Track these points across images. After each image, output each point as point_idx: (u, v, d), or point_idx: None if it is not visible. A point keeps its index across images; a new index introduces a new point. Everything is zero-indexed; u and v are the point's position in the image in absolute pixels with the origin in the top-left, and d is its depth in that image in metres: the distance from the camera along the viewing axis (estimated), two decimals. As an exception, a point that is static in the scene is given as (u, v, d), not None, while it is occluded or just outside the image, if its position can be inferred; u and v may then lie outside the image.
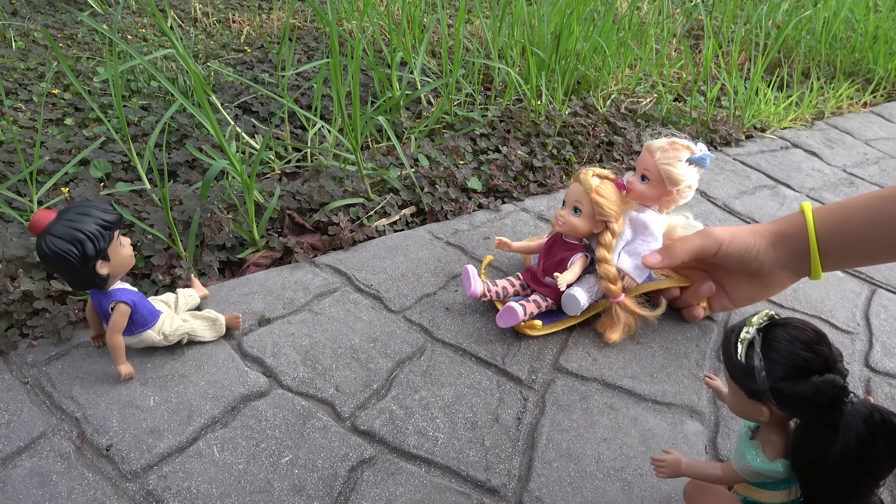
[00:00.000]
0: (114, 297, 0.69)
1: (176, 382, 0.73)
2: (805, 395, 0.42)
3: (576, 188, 0.82)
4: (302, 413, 0.71)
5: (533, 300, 0.84)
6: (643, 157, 0.83)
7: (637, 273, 0.83)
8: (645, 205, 0.85)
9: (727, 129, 1.51)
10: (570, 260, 0.83)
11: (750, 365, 0.44)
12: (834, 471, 0.43)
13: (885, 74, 1.99)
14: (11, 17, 1.81)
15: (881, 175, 1.45)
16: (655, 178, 0.82)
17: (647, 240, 0.83)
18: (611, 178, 0.83)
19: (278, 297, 0.87)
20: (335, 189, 1.08)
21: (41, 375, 0.72)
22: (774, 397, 0.43)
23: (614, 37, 1.67)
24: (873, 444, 0.41)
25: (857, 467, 0.42)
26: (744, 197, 1.27)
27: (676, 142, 0.81)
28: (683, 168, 0.80)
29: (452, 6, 2.25)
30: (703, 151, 0.82)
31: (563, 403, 0.76)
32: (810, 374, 0.43)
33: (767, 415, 0.46)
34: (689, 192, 0.84)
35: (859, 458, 0.41)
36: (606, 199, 0.80)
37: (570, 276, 0.81)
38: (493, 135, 1.35)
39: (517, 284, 0.87)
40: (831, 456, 0.42)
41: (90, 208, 0.66)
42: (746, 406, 0.46)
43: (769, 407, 0.45)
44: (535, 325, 0.83)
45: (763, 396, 0.44)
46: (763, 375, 0.43)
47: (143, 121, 1.27)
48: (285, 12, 2.06)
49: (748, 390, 0.45)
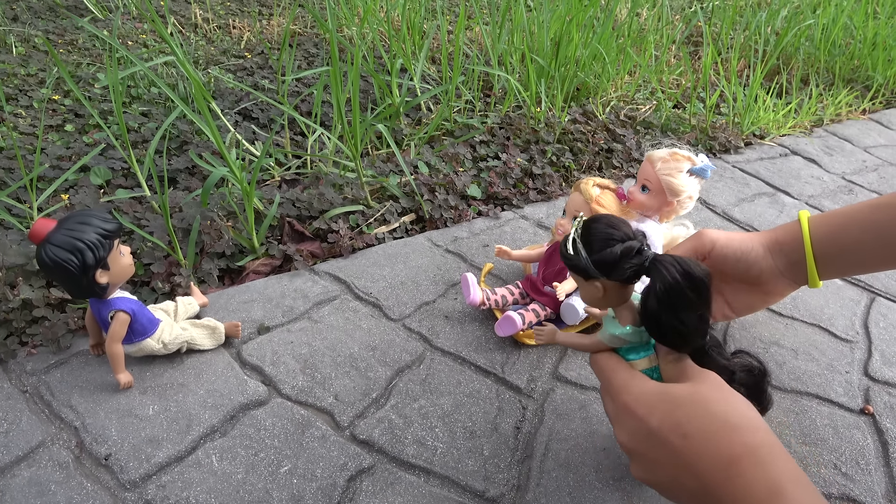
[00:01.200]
0: (113, 306, 0.69)
1: (175, 391, 0.73)
2: (614, 257, 0.54)
3: (576, 198, 0.82)
4: (301, 422, 0.71)
5: (532, 309, 0.84)
6: (644, 168, 0.83)
7: (638, 284, 0.83)
8: (645, 215, 0.85)
9: (726, 136, 1.51)
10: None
11: (576, 251, 0.56)
12: (661, 313, 0.52)
13: (884, 81, 1.99)
14: (12, 23, 1.82)
15: (880, 182, 1.46)
16: (656, 188, 0.82)
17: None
18: (611, 187, 0.83)
19: (278, 305, 0.87)
20: (335, 196, 1.08)
21: (40, 384, 0.72)
22: (597, 268, 0.55)
23: (614, 44, 1.68)
24: (673, 288, 0.51)
25: (673, 304, 0.52)
26: (743, 204, 1.27)
27: (677, 152, 0.81)
28: (684, 179, 0.81)
29: (452, 12, 2.26)
30: (704, 163, 0.82)
31: (563, 412, 0.76)
32: (615, 243, 0.54)
33: (601, 289, 0.56)
34: (689, 202, 0.84)
35: (669, 297, 0.51)
36: (607, 210, 0.80)
37: (570, 286, 0.81)
38: (493, 142, 1.35)
39: (516, 293, 0.87)
40: (650, 303, 0.53)
41: (90, 217, 0.66)
42: (588, 289, 0.57)
43: (601, 281, 0.56)
44: (533, 335, 0.83)
45: (591, 272, 0.55)
46: (584, 255, 0.55)
47: (143, 127, 1.27)
48: (285, 18, 2.06)
49: (582, 273, 0.56)
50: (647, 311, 0.53)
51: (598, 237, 0.55)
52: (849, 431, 0.78)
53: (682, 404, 0.51)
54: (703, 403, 0.50)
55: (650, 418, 0.51)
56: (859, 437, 0.77)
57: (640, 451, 0.53)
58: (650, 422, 0.51)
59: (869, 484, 0.71)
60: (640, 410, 0.52)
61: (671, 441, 0.49)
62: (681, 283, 0.51)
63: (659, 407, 0.51)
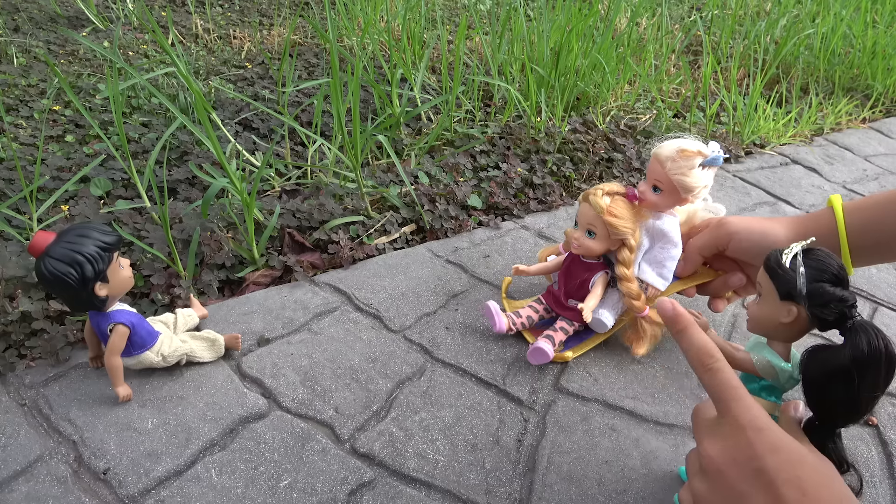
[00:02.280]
0: (112, 319, 0.69)
1: (174, 404, 0.72)
2: (833, 297, 0.52)
3: (586, 210, 0.78)
4: (301, 435, 0.70)
5: (560, 328, 0.83)
6: (653, 167, 0.78)
7: (660, 282, 0.81)
8: (660, 211, 0.81)
9: (727, 145, 1.51)
10: (591, 281, 0.83)
11: (794, 268, 0.54)
12: (836, 379, 0.50)
13: (884, 90, 2.00)
14: (13, 33, 1.82)
15: (881, 191, 1.45)
16: (668, 188, 0.77)
17: (667, 247, 0.81)
18: (621, 191, 0.79)
19: (278, 316, 0.87)
20: (335, 207, 1.08)
21: (39, 397, 0.71)
22: (809, 295, 0.53)
23: (613, 53, 1.68)
24: (871, 359, 0.49)
25: (862, 373, 0.49)
26: (744, 213, 1.27)
27: (685, 148, 0.75)
28: (697, 174, 0.76)
29: (452, 22, 2.26)
30: (715, 151, 0.77)
31: (564, 425, 0.75)
32: (837, 283, 0.53)
33: (794, 314, 0.54)
34: (704, 191, 0.79)
35: (859, 368, 0.49)
36: (620, 219, 0.76)
37: (594, 302, 0.80)
38: (493, 151, 1.35)
39: (541, 309, 0.87)
40: (837, 361, 0.50)
41: (89, 230, 0.65)
42: (775, 308, 0.55)
43: (798, 307, 0.54)
44: (565, 357, 0.83)
45: (797, 296, 0.53)
46: (804, 277, 0.53)
47: (143, 137, 1.27)
48: (286, 28, 2.07)
49: (784, 291, 0.54)
50: (832, 368, 0.50)
51: (820, 266, 0.53)
52: (853, 443, 0.77)
53: (808, 464, 0.46)
54: (830, 478, 0.47)
55: (769, 456, 0.46)
56: (864, 448, 0.77)
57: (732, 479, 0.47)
58: (767, 460, 0.46)
59: (874, 497, 0.71)
60: (761, 444, 0.46)
61: (782, 491, 0.44)
62: (881, 356, 0.49)
63: (784, 451, 0.46)
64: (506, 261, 1.03)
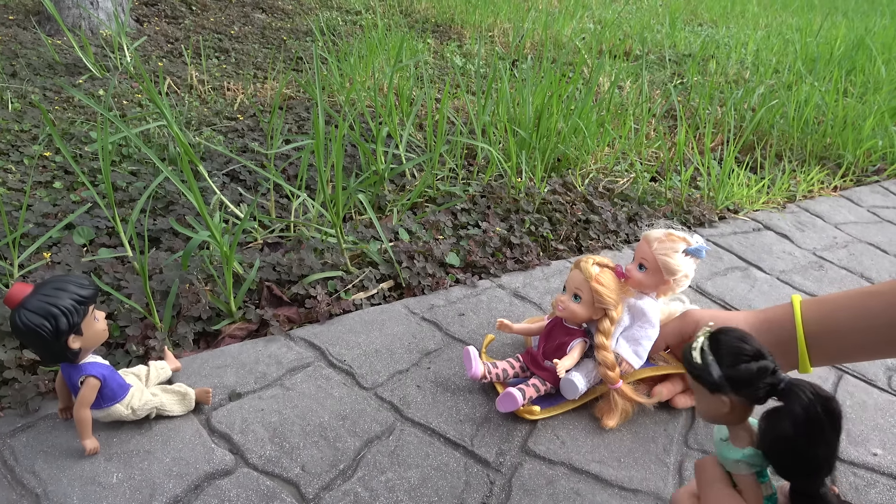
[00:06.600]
0: (83, 371, 0.70)
1: (141, 458, 0.72)
2: (750, 374, 0.52)
3: (576, 275, 0.84)
4: (266, 493, 0.70)
5: (532, 384, 0.85)
6: (641, 247, 0.86)
7: (635, 359, 0.85)
8: (643, 292, 0.87)
9: (701, 209, 1.55)
10: (570, 345, 0.86)
11: (705, 362, 0.54)
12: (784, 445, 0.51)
13: (854, 160, 2.07)
14: (10, 79, 1.86)
15: (850, 259, 1.50)
16: (653, 267, 0.85)
17: (645, 326, 0.86)
18: (610, 266, 0.85)
19: (251, 370, 0.88)
20: (315, 261, 1.10)
21: (4, 448, 0.71)
22: (730, 383, 0.53)
23: (594, 117, 1.74)
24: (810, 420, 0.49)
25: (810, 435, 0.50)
26: (716, 278, 1.30)
27: (673, 233, 0.85)
28: (680, 259, 0.84)
29: (441, 80, 2.34)
30: (699, 243, 0.85)
31: (530, 488, 0.76)
32: (749, 359, 0.53)
33: (729, 404, 0.54)
34: (685, 280, 0.87)
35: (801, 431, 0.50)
36: (606, 288, 0.82)
37: (569, 363, 0.83)
38: (474, 209, 1.38)
39: (517, 366, 0.89)
40: (783, 427, 0.50)
41: (66, 283, 0.67)
42: (711, 402, 0.55)
43: (728, 396, 0.54)
44: (533, 411, 0.84)
45: (720, 387, 0.53)
46: (716, 368, 0.53)
47: (131, 186, 1.30)
48: (279, 82, 2.13)
49: (709, 384, 0.54)
50: (777, 436, 0.51)
51: (728, 350, 0.54)
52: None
53: None
54: None
55: None
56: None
57: None
58: None
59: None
60: None
61: None
62: (820, 413, 0.49)
63: None
64: (480, 320, 1.05)
